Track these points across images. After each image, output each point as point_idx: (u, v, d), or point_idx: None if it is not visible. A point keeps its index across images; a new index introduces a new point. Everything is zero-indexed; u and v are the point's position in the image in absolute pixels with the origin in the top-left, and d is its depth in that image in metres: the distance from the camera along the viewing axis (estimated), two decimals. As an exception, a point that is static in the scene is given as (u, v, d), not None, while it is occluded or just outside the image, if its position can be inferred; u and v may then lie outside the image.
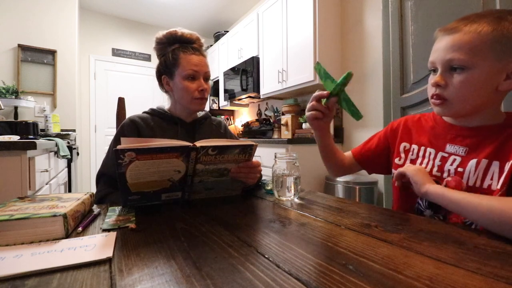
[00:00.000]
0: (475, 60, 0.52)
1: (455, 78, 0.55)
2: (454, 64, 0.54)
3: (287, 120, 2.42)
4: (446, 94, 0.57)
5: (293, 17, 2.27)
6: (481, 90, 0.54)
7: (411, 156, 0.70)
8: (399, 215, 0.56)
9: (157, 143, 0.54)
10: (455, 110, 0.58)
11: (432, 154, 0.65)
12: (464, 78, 0.54)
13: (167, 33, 0.88)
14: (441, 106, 0.59)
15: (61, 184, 2.01)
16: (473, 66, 0.53)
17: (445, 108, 0.59)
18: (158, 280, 0.31)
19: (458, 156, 0.60)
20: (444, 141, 0.64)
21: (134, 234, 0.46)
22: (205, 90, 0.87)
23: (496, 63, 0.52)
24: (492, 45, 0.51)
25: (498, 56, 0.51)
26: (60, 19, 2.84)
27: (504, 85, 0.53)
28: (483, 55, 0.52)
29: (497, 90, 0.54)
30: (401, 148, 0.73)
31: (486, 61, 0.52)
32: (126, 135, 0.83)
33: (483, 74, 0.52)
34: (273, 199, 0.71)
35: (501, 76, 0.53)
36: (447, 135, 0.64)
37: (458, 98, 0.56)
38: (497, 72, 0.52)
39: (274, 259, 0.36)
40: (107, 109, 3.66)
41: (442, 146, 0.64)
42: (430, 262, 0.34)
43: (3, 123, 1.79)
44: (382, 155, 0.79)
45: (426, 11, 1.33)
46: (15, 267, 0.33)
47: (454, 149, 0.61)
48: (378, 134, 0.83)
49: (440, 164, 0.63)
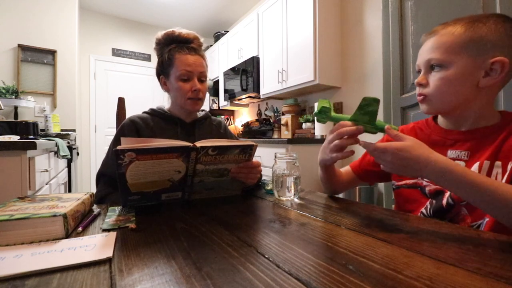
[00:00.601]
0: (450, 58, 0.56)
1: (434, 75, 0.59)
2: (432, 63, 0.58)
3: (287, 120, 2.42)
4: (426, 91, 0.61)
5: (293, 17, 2.27)
6: (458, 86, 0.57)
7: None
8: (399, 215, 0.56)
9: (157, 144, 0.54)
10: (436, 105, 0.61)
11: None
12: (442, 75, 0.57)
13: (165, 33, 0.88)
14: (423, 102, 0.62)
15: (61, 184, 2.01)
16: (449, 64, 0.56)
17: (427, 104, 0.62)
18: (158, 280, 0.31)
19: (462, 160, 0.60)
20: (444, 147, 0.63)
21: (134, 234, 0.46)
22: (199, 91, 0.86)
23: (472, 60, 0.54)
24: (466, 44, 0.54)
25: (473, 54, 0.54)
26: (60, 19, 2.84)
27: (483, 81, 0.55)
28: (457, 53, 0.55)
29: (478, 87, 0.56)
30: None
31: (462, 59, 0.55)
32: (126, 135, 0.83)
33: (459, 71, 0.56)
34: (273, 199, 0.71)
35: (479, 73, 0.55)
36: (446, 140, 0.64)
37: (436, 94, 0.59)
38: (474, 70, 0.55)
39: (274, 259, 0.36)
40: (107, 109, 3.66)
41: (443, 153, 0.63)
42: (430, 262, 0.34)
43: (3, 123, 1.79)
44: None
45: (426, 11, 1.33)
46: (15, 267, 0.33)
47: (456, 154, 0.61)
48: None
49: None
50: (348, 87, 2.18)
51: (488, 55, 0.53)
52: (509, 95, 1.20)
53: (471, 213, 0.57)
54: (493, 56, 0.53)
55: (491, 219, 0.54)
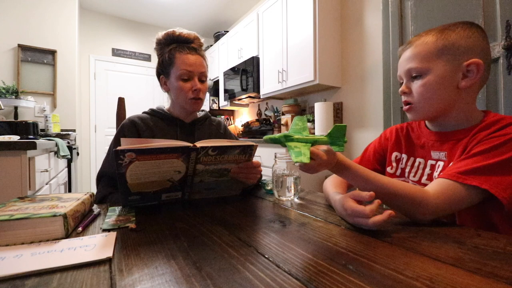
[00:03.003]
0: (427, 65, 0.60)
1: (416, 84, 0.62)
2: (412, 73, 0.62)
3: (287, 120, 2.42)
4: (411, 99, 0.64)
5: (293, 17, 2.27)
6: (440, 90, 0.60)
7: (401, 166, 0.72)
8: (399, 215, 0.56)
9: (157, 144, 0.54)
10: (422, 112, 0.64)
11: (422, 164, 0.67)
12: (422, 82, 0.61)
13: (165, 33, 0.88)
14: (409, 111, 0.65)
15: (61, 184, 2.01)
16: (427, 71, 0.60)
17: (413, 111, 0.65)
18: (158, 280, 0.31)
19: (442, 161, 0.63)
20: (429, 148, 0.66)
21: (134, 234, 0.46)
22: (199, 90, 0.86)
23: (448, 65, 0.58)
24: (440, 51, 0.58)
25: (449, 59, 0.58)
26: (60, 19, 2.84)
27: (462, 83, 0.58)
28: (434, 60, 0.59)
29: (458, 88, 0.59)
30: (393, 157, 0.75)
31: (438, 64, 0.59)
32: (126, 135, 0.84)
33: (438, 76, 0.59)
34: (273, 199, 0.71)
35: (457, 76, 0.58)
36: (429, 141, 0.67)
37: (421, 100, 0.62)
38: (451, 73, 0.58)
39: (274, 259, 0.36)
40: (107, 109, 3.66)
41: (428, 153, 0.66)
42: (430, 262, 0.34)
43: (3, 123, 1.79)
44: (380, 166, 0.80)
45: (426, 11, 1.33)
46: (15, 267, 0.33)
47: (437, 155, 0.64)
48: (373, 145, 0.83)
49: (430, 172, 0.65)
50: (348, 87, 2.18)
51: (463, 59, 0.57)
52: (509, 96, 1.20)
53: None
54: (468, 59, 0.57)
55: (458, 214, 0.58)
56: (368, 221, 0.46)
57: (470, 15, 1.23)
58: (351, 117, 2.16)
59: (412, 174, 0.69)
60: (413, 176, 0.68)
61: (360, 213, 0.47)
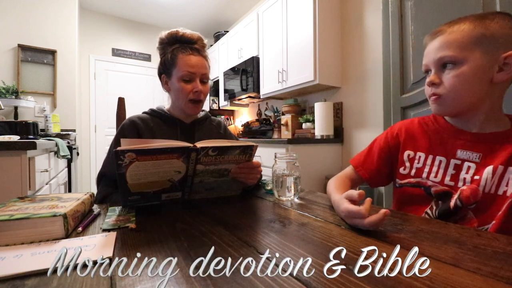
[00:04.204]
0: (463, 54, 0.55)
1: (448, 73, 0.57)
2: (445, 61, 0.57)
3: (287, 120, 2.42)
4: (440, 90, 0.59)
5: (293, 17, 2.27)
6: (473, 83, 0.55)
7: (417, 165, 0.66)
8: (399, 215, 0.56)
9: (157, 144, 0.54)
10: (451, 105, 0.59)
11: (443, 163, 0.62)
12: (456, 73, 0.56)
13: (168, 33, 0.88)
14: (436, 102, 0.61)
15: (61, 184, 2.01)
16: (463, 60, 0.55)
17: (440, 104, 0.60)
18: (158, 280, 0.31)
19: (472, 162, 0.59)
20: (454, 146, 0.62)
21: (134, 234, 0.46)
22: (200, 92, 0.86)
23: (485, 56, 0.54)
24: (478, 40, 0.54)
25: (486, 50, 0.54)
26: (60, 19, 2.84)
27: (498, 76, 0.55)
28: (471, 49, 0.55)
29: (491, 82, 0.55)
30: (405, 156, 0.69)
31: (475, 54, 0.54)
32: (126, 135, 0.84)
33: (474, 67, 0.55)
34: (273, 199, 0.71)
35: (493, 68, 0.54)
36: (457, 140, 0.62)
37: (452, 92, 0.57)
38: (488, 65, 0.54)
39: (274, 259, 0.36)
40: (107, 109, 3.66)
41: (453, 152, 0.62)
42: (430, 262, 0.34)
43: (3, 123, 1.78)
44: (386, 166, 0.74)
45: (426, 11, 1.33)
46: (15, 267, 0.33)
47: (466, 155, 0.60)
48: (378, 143, 0.76)
49: (454, 173, 0.60)
50: (348, 87, 2.18)
51: (500, 50, 0.53)
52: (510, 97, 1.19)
53: (478, 217, 0.57)
54: (505, 51, 0.53)
55: (497, 222, 0.54)
56: (364, 222, 0.45)
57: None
58: (351, 117, 2.16)
59: (432, 174, 0.63)
60: (434, 177, 0.63)
61: (356, 213, 0.47)
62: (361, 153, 0.79)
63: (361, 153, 0.79)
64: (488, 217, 0.56)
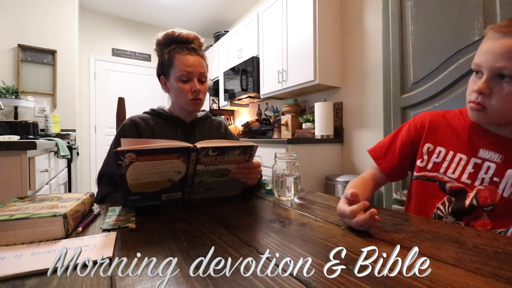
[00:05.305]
0: None
1: (504, 88, 0.50)
2: (504, 73, 0.50)
3: (287, 120, 2.42)
4: (487, 102, 0.53)
5: (293, 17, 2.27)
6: None
7: (436, 159, 0.65)
8: (399, 215, 0.56)
9: (157, 145, 0.54)
10: (494, 119, 0.55)
11: (464, 161, 0.61)
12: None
13: (165, 34, 0.88)
14: (479, 113, 0.55)
15: (61, 184, 2.01)
16: None
17: (483, 116, 0.55)
18: (158, 280, 0.31)
19: (493, 162, 0.57)
20: (477, 145, 0.60)
21: (134, 234, 0.46)
22: (199, 91, 0.86)
23: None
24: None
25: None
26: (60, 19, 2.84)
27: None
28: None
29: None
30: (425, 149, 0.67)
31: None
32: (126, 135, 0.84)
33: None
34: (273, 199, 0.71)
35: None
36: (482, 139, 0.60)
37: (501, 109, 0.52)
38: None
39: (274, 259, 0.36)
40: (107, 109, 3.66)
41: (475, 151, 0.60)
42: (430, 262, 0.34)
43: (3, 123, 1.78)
44: (407, 160, 0.71)
45: (426, 11, 1.33)
46: (15, 267, 0.33)
47: (488, 155, 0.58)
48: (400, 137, 0.72)
49: (473, 171, 0.59)
50: (348, 87, 2.18)
51: None
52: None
53: (492, 219, 0.56)
54: None
55: None
56: (352, 221, 0.45)
57: (470, 15, 1.23)
58: (351, 117, 2.16)
59: (450, 170, 0.61)
60: (452, 173, 0.61)
61: (343, 213, 0.47)
62: (381, 144, 0.75)
63: (381, 144, 0.75)
64: (503, 222, 0.54)
